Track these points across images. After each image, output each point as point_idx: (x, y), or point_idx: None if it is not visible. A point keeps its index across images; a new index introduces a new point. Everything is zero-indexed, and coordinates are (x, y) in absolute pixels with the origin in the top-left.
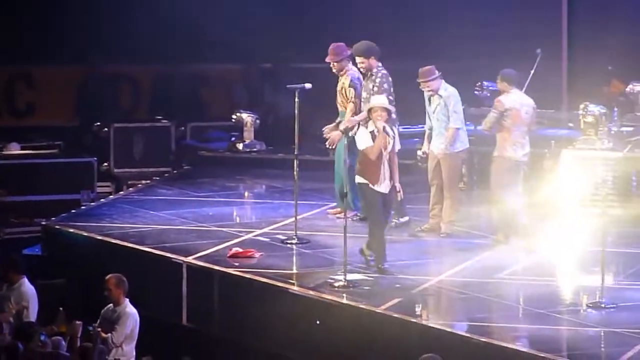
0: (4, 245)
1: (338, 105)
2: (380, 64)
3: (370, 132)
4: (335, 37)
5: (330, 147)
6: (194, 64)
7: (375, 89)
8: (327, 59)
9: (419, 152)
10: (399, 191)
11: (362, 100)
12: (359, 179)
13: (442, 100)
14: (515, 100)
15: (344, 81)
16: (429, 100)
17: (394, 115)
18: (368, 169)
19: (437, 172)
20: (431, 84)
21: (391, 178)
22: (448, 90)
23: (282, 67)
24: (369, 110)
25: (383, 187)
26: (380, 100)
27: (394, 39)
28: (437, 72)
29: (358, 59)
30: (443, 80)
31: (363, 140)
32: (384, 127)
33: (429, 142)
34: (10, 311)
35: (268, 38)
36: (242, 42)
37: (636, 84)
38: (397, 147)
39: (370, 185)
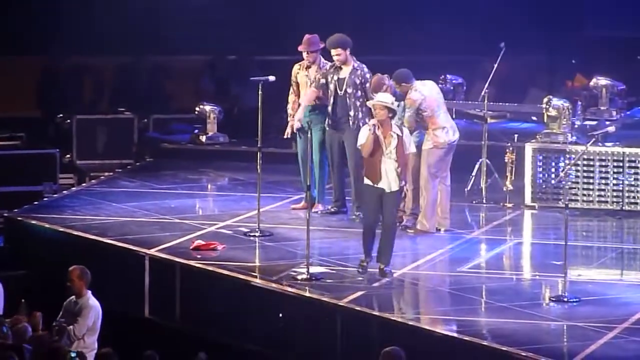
0: None
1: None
2: (354, 57)
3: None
4: (301, 30)
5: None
6: (157, 55)
7: (367, 84)
8: (301, 48)
9: None
10: (405, 191)
11: (347, 96)
12: (365, 180)
13: None
14: (422, 90)
15: (316, 75)
16: None
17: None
18: (366, 166)
19: None
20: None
21: (398, 177)
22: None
23: (247, 60)
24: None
25: (382, 183)
26: (383, 98)
27: (359, 33)
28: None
29: (335, 51)
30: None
31: (360, 138)
32: (374, 125)
33: None
34: None
35: (233, 30)
36: (206, 34)
37: (600, 77)
38: (411, 149)
39: (371, 183)
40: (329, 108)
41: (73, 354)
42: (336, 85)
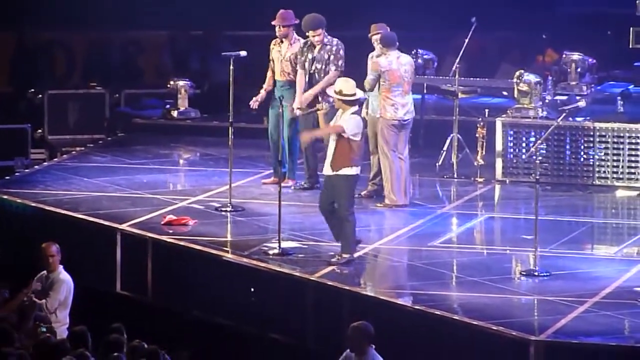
0: None
1: (279, 74)
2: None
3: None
4: (274, 5)
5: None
6: (128, 30)
7: (332, 57)
8: (274, 22)
9: None
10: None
11: (316, 72)
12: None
13: None
14: (392, 61)
15: (292, 50)
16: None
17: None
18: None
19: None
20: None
21: (333, 163)
22: None
23: (214, 35)
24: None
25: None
26: (341, 87)
27: (332, 9)
28: (387, 29)
29: (312, 33)
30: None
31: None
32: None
33: (367, 108)
34: None
35: (205, 4)
36: (174, 9)
37: (570, 52)
38: (348, 132)
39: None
40: (305, 86)
41: (43, 329)
42: (310, 64)
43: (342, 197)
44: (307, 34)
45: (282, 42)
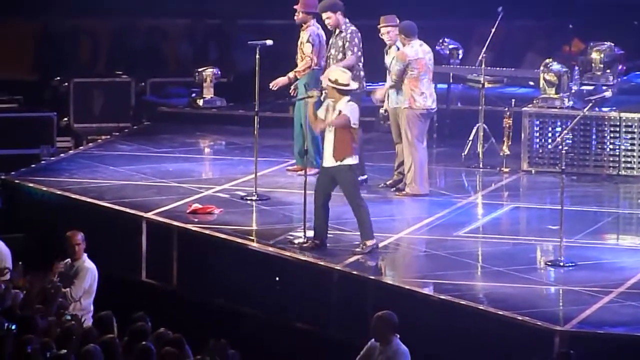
0: None
1: (297, 61)
2: (347, 20)
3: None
4: None
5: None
6: (152, 18)
7: (347, 44)
8: (296, 7)
9: (381, 110)
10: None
11: (331, 57)
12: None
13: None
14: (417, 50)
15: (303, 36)
16: (386, 53)
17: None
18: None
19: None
20: (391, 32)
21: (334, 154)
22: None
23: (235, 24)
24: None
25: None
26: (335, 76)
27: None
28: (397, 21)
29: (325, 15)
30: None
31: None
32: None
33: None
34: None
35: None
36: None
37: (596, 42)
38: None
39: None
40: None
41: (68, 316)
42: (330, 50)
43: (350, 186)
44: (322, 16)
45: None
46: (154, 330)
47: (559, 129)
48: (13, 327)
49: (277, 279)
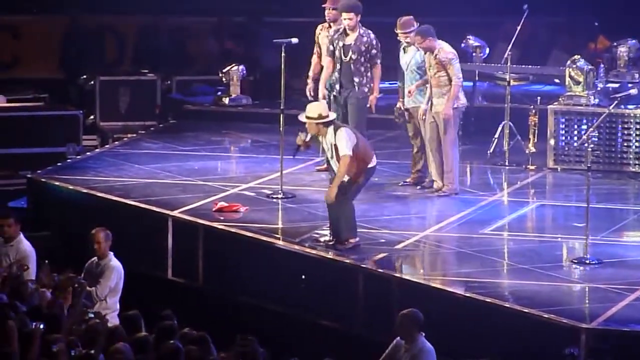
0: None
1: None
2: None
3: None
4: None
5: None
6: (180, 16)
7: (374, 51)
8: (325, 5)
9: (399, 107)
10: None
11: (351, 61)
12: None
13: (419, 53)
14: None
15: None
16: (404, 51)
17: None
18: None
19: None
20: (410, 36)
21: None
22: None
23: (261, 21)
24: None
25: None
26: (310, 113)
27: None
28: (415, 24)
29: (347, 15)
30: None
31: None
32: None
33: (403, 99)
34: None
35: None
36: None
37: (622, 40)
38: (345, 152)
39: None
40: (334, 75)
41: (91, 315)
42: (341, 51)
43: (355, 187)
44: (341, 15)
45: (330, 26)
46: (179, 329)
47: (584, 126)
48: (41, 325)
49: (303, 276)
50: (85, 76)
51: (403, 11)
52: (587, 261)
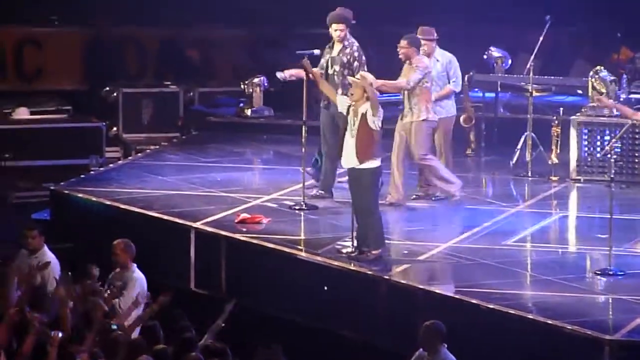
0: (12, 210)
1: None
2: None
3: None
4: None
5: None
6: (202, 28)
7: (355, 63)
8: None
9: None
10: None
11: (335, 73)
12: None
13: (439, 64)
14: (432, 62)
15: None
16: None
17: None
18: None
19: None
20: (427, 45)
21: (357, 155)
22: (447, 55)
23: (286, 33)
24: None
25: (343, 161)
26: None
27: (405, 2)
28: (435, 34)
29: (337, 26)
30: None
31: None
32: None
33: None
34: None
35: (277, 2)
36: (250, 6)
37: None
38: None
39: None
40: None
41: (114, 326)
42: (328, 63)
43: (369, 190)
44: (331, 27)
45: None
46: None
47: (607, 137)
48: (60, 334)
49: (325, 288)
50: (108, 88)
51: (424, 21)
52: (611, 272)
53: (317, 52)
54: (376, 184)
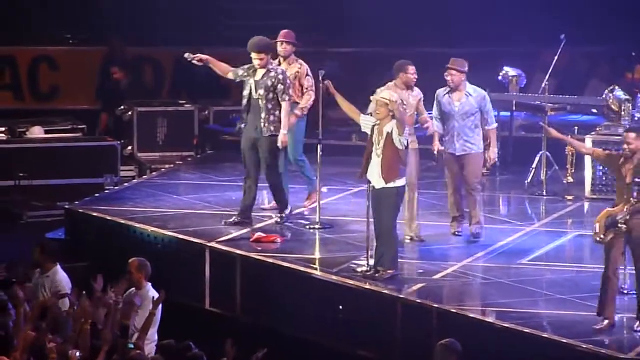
0: (27, 229)
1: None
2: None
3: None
4: (360, 25)
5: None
6: (216, 46)
7: (280, 86)
8: (282, 38)
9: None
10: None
11: (260, 97)
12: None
13: (472, 99)
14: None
15: (291, 70)
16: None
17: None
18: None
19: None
20: (455, 76)
21: (384, 175)
22: (479, 91)
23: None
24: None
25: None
26: (385, 95)
27: (422, 25)
28: (466, 67)
29: (258, 56)
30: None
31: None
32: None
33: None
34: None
35: (292, 21)
36: (265, 25)
37: None
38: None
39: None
40: (243, 113)
41: (131, 346)
42: (251, 88)
43: (391, 209)
44: (251, 55)
45: (280, 62)
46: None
47: None
48: (77, 354)
49: (341, 307)
50: (123, 107)
51: (443, 42)
52: (625, 291)
53: (322, 72)
54: (398, 204)
